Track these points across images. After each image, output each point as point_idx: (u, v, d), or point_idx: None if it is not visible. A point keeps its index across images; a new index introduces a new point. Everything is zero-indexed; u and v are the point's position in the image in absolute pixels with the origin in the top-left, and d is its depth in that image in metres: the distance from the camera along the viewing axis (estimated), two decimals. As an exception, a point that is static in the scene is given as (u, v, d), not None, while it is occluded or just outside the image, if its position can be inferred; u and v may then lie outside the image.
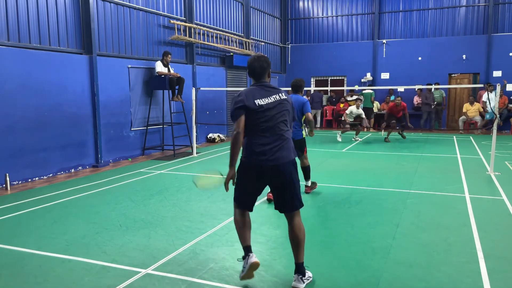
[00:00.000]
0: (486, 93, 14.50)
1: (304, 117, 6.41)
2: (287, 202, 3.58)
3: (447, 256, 4.09)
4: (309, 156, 10.07)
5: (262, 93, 3.53)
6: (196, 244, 4.46)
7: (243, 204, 3.72)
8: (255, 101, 3.48)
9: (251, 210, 3.76)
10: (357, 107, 13.09)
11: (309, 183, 6.80)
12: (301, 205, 3.65)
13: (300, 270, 3.54)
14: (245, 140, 3.56)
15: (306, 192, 6.69)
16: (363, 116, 13.26)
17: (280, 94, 3.59)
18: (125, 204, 6.08)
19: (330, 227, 5.03)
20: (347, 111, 13.27)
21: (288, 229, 3.62)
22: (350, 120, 13.18)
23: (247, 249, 3.63)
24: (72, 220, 5.36)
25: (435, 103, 15.70)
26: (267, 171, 3.47)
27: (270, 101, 3.51)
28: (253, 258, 3.56)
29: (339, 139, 12.97)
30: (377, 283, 3.53)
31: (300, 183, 3.76)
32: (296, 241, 3.56)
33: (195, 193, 6.63)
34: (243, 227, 3.70)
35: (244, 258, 3.62)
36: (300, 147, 6.70)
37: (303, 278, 3.53)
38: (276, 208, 3.65)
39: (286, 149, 3.51)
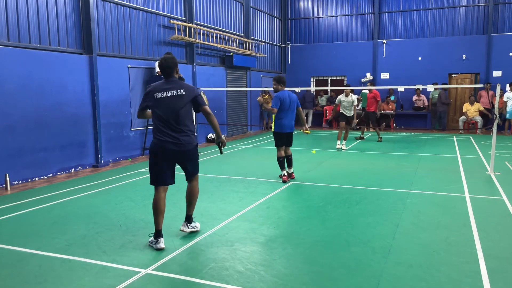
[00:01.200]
0: (506, 92, 14.49)
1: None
2: (186, 172, 4.62)
3: (447, 256, 4.09)
4: (309, 156, 10.10)
5: (163, 88, 4.35)
6: (196, 244, 4.46)
7: (161, 181, 4.41)
8: (155, 94, 4.32)
9: (168, 184, 4.48)
10: (346, 95, 11.08)
11: (291, 170, 7.47)
12: (195, 173, 4.67)
13: (188, 219, 4.75)
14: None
15: (283, 180, 7.18)
16: (355, 105, 11.38)
17: (179, 90, 4.35)
18: (125, 204, 6.08)
19: (330, 227, 5.03)
20: (336, 101, 11.27)
21: (186, 189, 4.72)
22: (346, 112, 11.21)
23: (158, 233, 4.39)
24: (72, 220, 5.36)
25: (449, 102, 15.75)
26: (167, 151, 4.32)
27: (167, 95, 4.31)
28: (162, 244, 4.34)
29: (341, 147, 11.21)
30: (377, 283, 3.53)
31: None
32: (189, 198, 4.70)
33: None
34: (157, 211, 4.42)
35: (155, 238, 4.38)
36: (290, 138, 7.42)
37: (189, 224, 4.74)
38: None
39: (183, 137, 4.35)
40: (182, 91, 4.36)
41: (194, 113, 4.72)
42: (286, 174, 7.38)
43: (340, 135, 11.29)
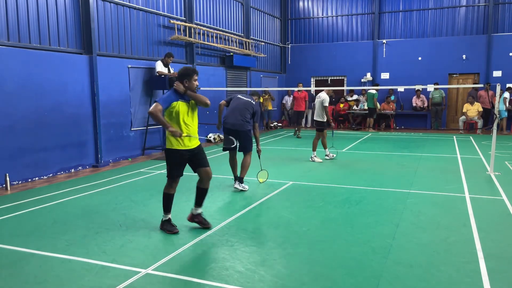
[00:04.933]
0: (505, 93, 14.53)
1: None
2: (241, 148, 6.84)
3: (447, 256, 4.09)
4: (309, 155, 10.08)
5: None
6: (196, 244, 4.46)
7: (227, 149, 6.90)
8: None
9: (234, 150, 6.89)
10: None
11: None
12: (247, 150, 6.88)
13: (240, 180, 6.75)
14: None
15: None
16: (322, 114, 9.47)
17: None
18: (125, 204, 6.08)
19: (330, 227, 5.03)
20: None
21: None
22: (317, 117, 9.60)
23: (235, 178, 6.86)
24: (72, 220, 5.36)
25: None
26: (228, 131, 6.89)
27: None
28: (236, 184, 6.78)
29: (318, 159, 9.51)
30: (377, 283, 3.53)
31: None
32: (242, 165, 6.79)
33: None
34: (232, 165, 6.94)
35: (234, 180, 6.83)
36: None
37: (240, 184, 6.74)
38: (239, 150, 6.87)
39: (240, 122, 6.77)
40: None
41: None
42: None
43: (315, 144, 9.62)
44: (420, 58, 17.10)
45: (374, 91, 16.01)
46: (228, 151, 6.97)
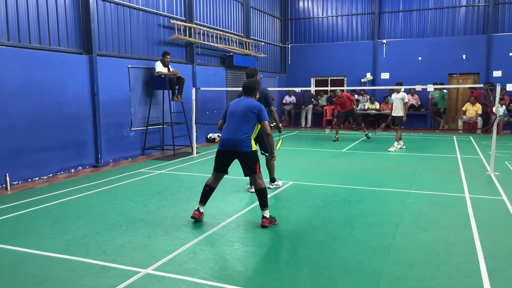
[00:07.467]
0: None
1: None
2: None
3: (447, 256, 4.09)
4: (309, 156, 10.10)
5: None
6: (196, 244, 4.46)
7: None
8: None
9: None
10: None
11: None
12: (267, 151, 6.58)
13: (271, 180, 6.84)
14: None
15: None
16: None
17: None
18: (125, 204, 6.08)
19: (330, 227, 5.03)
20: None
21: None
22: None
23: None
24: (72, 220, 5.36)
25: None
26: None
27: None
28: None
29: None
30: (377, 283, 3.53)
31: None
32: (267, 167, 6.65)
33: (195, 193, 6.63)
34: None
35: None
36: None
37: (272, 183, 6.85)
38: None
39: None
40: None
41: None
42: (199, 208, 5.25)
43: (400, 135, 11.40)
44: (420, 58, 17.10)
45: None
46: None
